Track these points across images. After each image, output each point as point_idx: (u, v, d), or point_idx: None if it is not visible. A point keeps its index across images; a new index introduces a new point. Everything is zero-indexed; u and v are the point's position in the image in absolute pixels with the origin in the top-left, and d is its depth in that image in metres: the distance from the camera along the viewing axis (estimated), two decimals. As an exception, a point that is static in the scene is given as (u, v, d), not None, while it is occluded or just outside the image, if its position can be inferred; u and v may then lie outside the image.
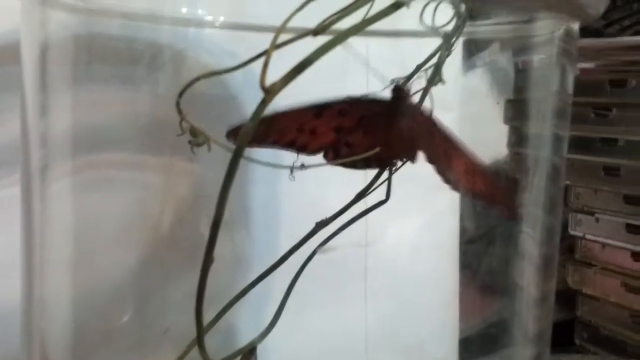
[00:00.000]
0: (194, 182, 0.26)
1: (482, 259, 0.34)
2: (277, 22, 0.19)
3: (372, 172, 0.25)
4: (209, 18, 0.22)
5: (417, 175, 0.25)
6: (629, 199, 0.40)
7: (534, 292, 0.28)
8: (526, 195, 0.28)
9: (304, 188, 0.24)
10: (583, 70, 0.42)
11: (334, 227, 0.24)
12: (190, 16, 0.22)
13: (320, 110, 0.22)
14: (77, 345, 0.25)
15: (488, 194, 0.24)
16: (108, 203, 0.25)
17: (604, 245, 0.43)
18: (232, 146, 0.15)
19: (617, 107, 0.39)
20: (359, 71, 0.24)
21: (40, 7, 0.19)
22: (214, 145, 0.27)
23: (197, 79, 0.18)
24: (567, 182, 0.44)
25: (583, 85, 0.41)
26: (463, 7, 0.19)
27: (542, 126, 0.27)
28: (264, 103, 0.14)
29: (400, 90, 0.23)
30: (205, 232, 0.26)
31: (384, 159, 0.24)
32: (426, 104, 0.23)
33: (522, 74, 0.29)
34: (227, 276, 0.27)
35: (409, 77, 0.22)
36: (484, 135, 0.35)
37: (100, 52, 0.23)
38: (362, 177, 0.25)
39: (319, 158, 0.24)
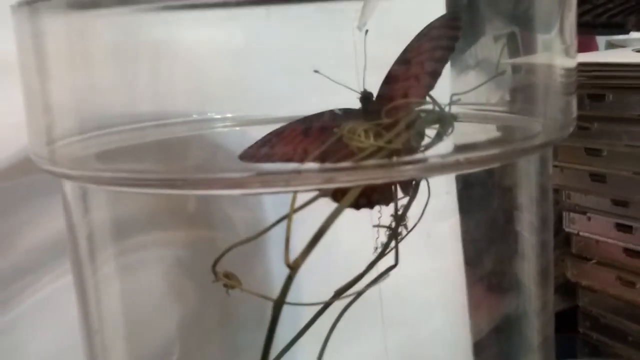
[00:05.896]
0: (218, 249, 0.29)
1: (486, 272, 0.36)
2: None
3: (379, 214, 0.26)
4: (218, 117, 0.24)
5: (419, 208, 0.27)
6: (617, 201, 0.42)
7: (534, 302, 0.30)
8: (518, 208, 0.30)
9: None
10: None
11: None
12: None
13: (308, 126, 0.21)
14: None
15: None
16: (146, 279, 0.27)
17: (597, 241, 0.44)
18: (264, 294, 0.16)
19: (598, 121, 0.41)
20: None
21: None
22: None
23: (229, 249, 0.19)
24: (558, 185, 0.45)
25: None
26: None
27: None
28: (290, 279, 0.16)
29: (367, 94, 0.22)
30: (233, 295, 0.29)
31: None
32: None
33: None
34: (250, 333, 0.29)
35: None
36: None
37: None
38: (368, 215, 0.27)
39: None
